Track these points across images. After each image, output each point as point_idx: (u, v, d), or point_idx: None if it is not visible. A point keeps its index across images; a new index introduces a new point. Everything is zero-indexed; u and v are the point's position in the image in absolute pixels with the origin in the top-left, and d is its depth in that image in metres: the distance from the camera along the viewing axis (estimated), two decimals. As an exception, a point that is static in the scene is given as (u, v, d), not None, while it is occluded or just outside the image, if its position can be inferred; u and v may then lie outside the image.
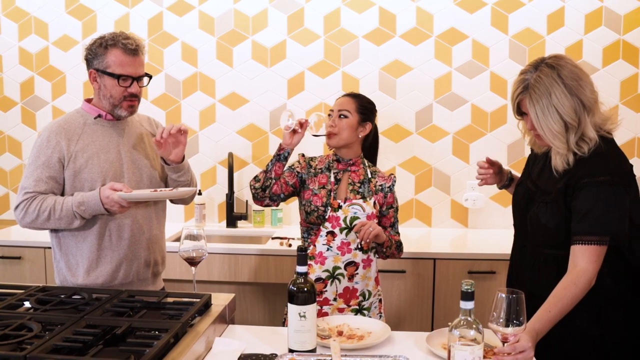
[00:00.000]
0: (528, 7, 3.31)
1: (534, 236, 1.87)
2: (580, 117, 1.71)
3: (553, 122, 1.71)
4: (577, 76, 1.72)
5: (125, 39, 2.04)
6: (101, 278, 2.09)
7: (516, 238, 2.02)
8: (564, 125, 1.71)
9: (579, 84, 1.71)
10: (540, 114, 1.72)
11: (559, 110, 1.70)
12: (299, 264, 1.59)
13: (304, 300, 1.57)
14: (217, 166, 3.55)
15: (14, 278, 3.06)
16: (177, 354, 1.47)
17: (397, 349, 1.69)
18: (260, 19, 3.45)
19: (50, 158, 2.04)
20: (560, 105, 1.70)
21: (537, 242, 1.86)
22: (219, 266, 3.00)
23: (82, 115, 2.14)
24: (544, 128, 1.73)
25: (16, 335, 1.50)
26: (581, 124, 1.72)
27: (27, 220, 2.04)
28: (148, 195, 2.04)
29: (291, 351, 1.57)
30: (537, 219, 1.83)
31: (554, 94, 1.70)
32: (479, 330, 1.32)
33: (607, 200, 1.70)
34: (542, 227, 1.82)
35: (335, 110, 2.28)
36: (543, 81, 1.71)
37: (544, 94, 1.71)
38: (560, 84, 1.70)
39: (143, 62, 2.10)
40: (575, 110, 1.70)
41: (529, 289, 1.72)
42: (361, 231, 2.09)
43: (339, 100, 2.31)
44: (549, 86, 1.70)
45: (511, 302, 1.43)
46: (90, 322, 1.61)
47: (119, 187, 1.97)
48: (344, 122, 2.25)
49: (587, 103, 1.72)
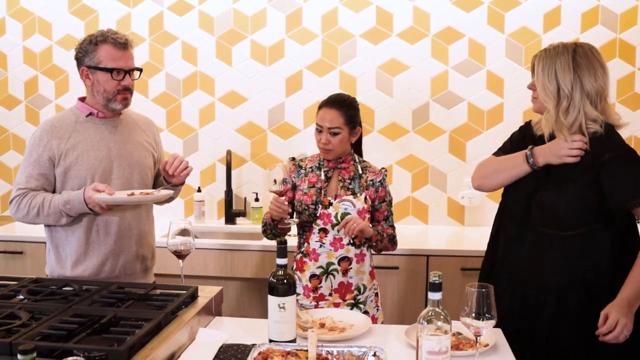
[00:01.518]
0: (524, 6, 3.32)
1: (539, 219, 1.90)
2: (574, 92, 1.84)
3: (548, 81, 1.87)
4: (590, 62, 1.85)
5: (114, 34, 2.09)
6: (88, 271, 2.14)
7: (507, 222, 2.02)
8: (557, 90, 1.86)
9: (587, 68, 1.84)
10: (540, 71, 1.90)
11: (557, 75, 1.86)
12: (279, 257, 1.63)
13: (284, 292, 1.61)
14: (217, 164, 3.60)
15: (16, 273, 3.12)
16: (159, 342, 1.52)
17: (375, 341, 1.72)
18: (259, 18, 3.49)
19: (41, 156, 2.09)
20: (560, 71, 1.86)
21: (543, 224, 1.89)
22: (216, 262, 3.04)
23: (74, 113, 2.19)
24: (539, 84, 1.90)
25: (4, 324, 1.56)
26: (575, 100, 1.83)
27: (19, 216, 2.11)
28: (126, 199, 2.07)
29: (272, 341, 1.61)
30: (549, 202, 1.87)
31: (559, 60, 1.87)
32: (447, 321, 1.34)
33: (637, 165, 1.83)
34: (552, 210, 1.87)
35: (325, 128, 2.24)
36: (556, 49, 1.89)
37: (551, 57, 1.88)
38: (568, 57, 1.86)
39: (133, 56, 2.15)
40: (572, 83, 1.84)
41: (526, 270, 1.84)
42: (346, 227, 2.13)
43: (327, 115, 2.24)
44: (559, 54, 1.88)
45: (482, 296, 1.46)
46: (77, 311, 1.67)
47: (101, 188, 2.01)
48: (337, 139, 2.24)
49: (588, 87, 1.84)
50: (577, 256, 1.85)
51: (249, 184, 3.58)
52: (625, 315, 1.71)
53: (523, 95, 3.35)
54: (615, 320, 1.70)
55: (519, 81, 3.34)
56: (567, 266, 1.85)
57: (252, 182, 3.58)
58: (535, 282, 1.89)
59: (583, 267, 1.84)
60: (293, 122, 3.52)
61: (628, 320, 1.71)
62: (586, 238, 1.84)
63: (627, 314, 1.71)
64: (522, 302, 1.91)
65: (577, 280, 1.84)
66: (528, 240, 1.92)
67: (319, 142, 2.27)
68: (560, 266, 1.86)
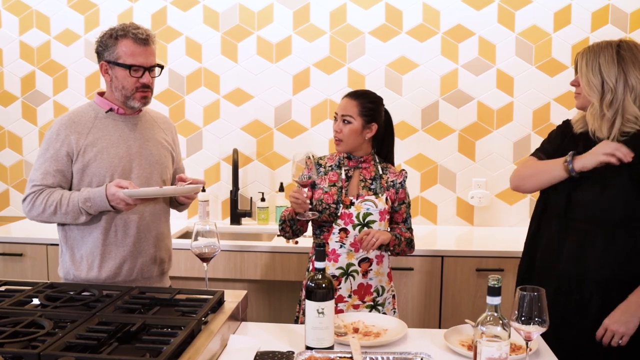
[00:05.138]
0: (535, 4, 3.29)
1: (582, 215, 1.88)
2: (618, 86, 1.83)
3: (592, 75, 1.87)
4: (635, 56, 1.85)
5: (135, 29, 2.01)
6: (104, 274, 2.06)
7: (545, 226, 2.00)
8: (602, 83, 1.85)
9: (632, 62, 1.84)
10: (584, 66, 1.89)
11: (601, 68, 1.86)
12: (318, 260, 1.57)
13: (323, 297, 1.54)
14: (221, 162, 3.52)
15: (16, 275, 3.01)
16: (194, 351, 1.44)
17: (414, 345, 1.67)
18: (266, 14, 3.41)
19: (58, 151, 2.01)
20: (604, 65, 1.85)
21: (585, 220, 1.88)
22: (223, 263, 2.97)
23: (94, 108, 2.10)
24: (583, 78, 1.90)
25: (27, 333, 1.47)
26: (617, 93, 1.83)
27: (33, 214, 2.01)
28: (154, 191, 2.01)
29: (309, 348, 1.55)
30: (590, 198, 1.86)
31: (602, 55, 1.87)
32: (505, 327, 1.29)
33: None
34: (594, 206, 1.85)
35: (339, 115, 2.24)
36: (600, 45, 1.90)
37: (595, 52, 1.89)
38: (612, 51, 1.86)
39: (154, 52, 2.07)
40: (615, 77, 1.84)
41: (569, 268, 1.86)
42: (364, 241, 2.08)
43: (342, 103, 2.26)
44: (602, 49, 1.88)
45: (533, 300, 1.41)
46: (102, 319, 1.58)
47: (125, 184, 1.94)
48: (347, 128, 2.22)
49: (632, 81, 1.83)
50: (620, 252, 1.83)
51: (254, 183, 3.51)
52: (625, 324, 1.77)
53: (533, 94, 3.33)
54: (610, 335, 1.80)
55: (529, 80, 3.32)
56: (611, 262, 1.84)
57: (258, 182, 3.51)
58: (579, 279, 1.87)
59: (627, 263, 1.83)
60: (300, 120, 3.46)
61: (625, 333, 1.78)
62: (629, 234, 1.83)
63: (627, 323, 1.77)
64: (565, 302, 1.87)
65: (621, 275, 1.83)
66: (570, 238, 1.90)
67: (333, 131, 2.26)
68: (604, 262, 1.84)
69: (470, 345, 1.65)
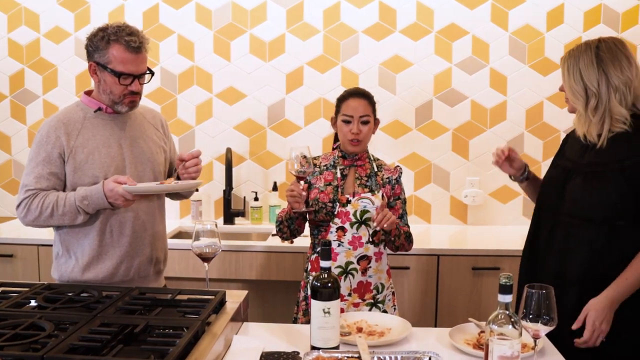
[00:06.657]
0: (528, 3, 3.31)
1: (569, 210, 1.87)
2: (601, 89, 1.82)
3: (574, 82, 1.86)
4: (614, 55, 1.83)
5: (128, 34, 1.94)
6: (101, 275, 2.03)
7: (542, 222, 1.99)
8: (585, 89, 1.84)
9: (612, 62, 1.82)
10: (566, 72, 1.89)
11: (582, 74, 1.85)
12: (323, 259, 1.55)
13: (329, 296, 1.53)
14: (214, 162, 3.49)
15: (7, 277, 2.95)
16: (200, 353, 1.42)
17: (419, 345, 1.67)
18: (259, 12, 3.39)
19: (50, 154, 1.97)
20: (584, 70, 1.84)
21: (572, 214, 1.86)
22: (218, 263, 2.94)
23: (81, 108, 2.06)
24: (566, 85, 1.90)
25: (28, 335, 1.44)
26: (601, 96, 1.82)
27: (29, 219, 1.97)
28: (154, 187, 1.99)
29: (315, 348, 1.53)
30: (576, 191, 1.86)
31: (582, 59, 1.86)
32: (516, 325, 1.29)
33: None
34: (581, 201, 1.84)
35: (355, 117, 2.21)
36: (579, 48, 1.89)
37: (575, 57, 1.88)
38: (591, 54, 1.85)
39: (145, 59, 2.02)
40: (597, 80, 1.82)
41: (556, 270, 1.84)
42: (379, 216, 2.05)
43: (357, 104, 2.22)
44: (582, 52, 1.87)
45: (541, 298, 1.42)
46: (104, 320, 1.56)
47: (122, 179, 1.91)
48: (366, 128, 2.23)
49: (615, 81, 1.81)
50: (601, 251, 1.82)
51: (247, 182, 3.48)
52: (605, 318, 1.74)
53: (526, 93, 3.35)
54: (592, 325, 1.74)
55: (523, 79, 3.34)
56: (591, 260, 1.83)
57: (251, 181, 3.48)
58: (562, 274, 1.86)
59: (605, 262, 1.81)
60: (293, 119, 3.44)
61: (605, 327, 1.74)
62: (611, 234, 1.82)
63: (606, 316, 1.74)
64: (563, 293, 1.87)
65: (598, 274, 1.81)
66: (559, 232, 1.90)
67: (349, 132, 2.22)
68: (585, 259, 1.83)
69: (475, 344, 1.65)
